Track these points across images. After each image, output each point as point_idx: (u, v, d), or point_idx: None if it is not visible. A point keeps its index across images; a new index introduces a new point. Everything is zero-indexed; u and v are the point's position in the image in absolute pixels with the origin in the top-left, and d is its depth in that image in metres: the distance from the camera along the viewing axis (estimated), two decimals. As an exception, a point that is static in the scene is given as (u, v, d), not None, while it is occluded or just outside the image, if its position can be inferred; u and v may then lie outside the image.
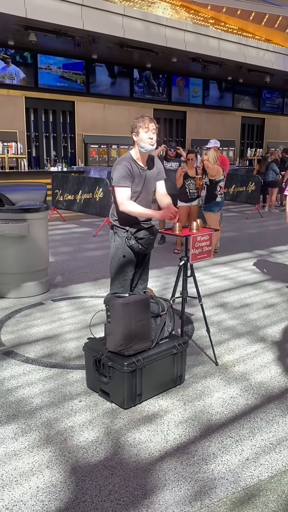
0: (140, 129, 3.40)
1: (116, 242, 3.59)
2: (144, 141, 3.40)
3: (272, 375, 3.51)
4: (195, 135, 16.96)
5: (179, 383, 3.31)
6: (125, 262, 3.59)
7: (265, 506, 2.22)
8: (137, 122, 3.43)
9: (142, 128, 3.39)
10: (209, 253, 3.67)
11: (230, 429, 2.82)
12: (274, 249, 7.97)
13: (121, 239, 3.56)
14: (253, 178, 11.98)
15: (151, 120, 3.44)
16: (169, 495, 2.28)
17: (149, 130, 3.39)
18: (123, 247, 3.56)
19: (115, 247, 3.60)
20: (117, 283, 3.65)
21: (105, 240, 8.36)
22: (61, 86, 13.49)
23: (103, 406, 3.04)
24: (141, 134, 3.40)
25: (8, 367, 3.57)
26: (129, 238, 3.52)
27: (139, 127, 3.40)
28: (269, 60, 15.26)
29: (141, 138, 3.41)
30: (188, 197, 7.23)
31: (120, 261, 3.59)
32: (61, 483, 2.35)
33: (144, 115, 3.48)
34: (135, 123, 3.44)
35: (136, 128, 3.42)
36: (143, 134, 3.40)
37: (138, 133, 3.41)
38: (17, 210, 5.07)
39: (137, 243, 3.52)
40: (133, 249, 3.55)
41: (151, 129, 3.40)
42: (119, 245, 3.57)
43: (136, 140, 3.45)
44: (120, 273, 3.62)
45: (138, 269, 3.71)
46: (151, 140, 3.41)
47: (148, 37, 11.87)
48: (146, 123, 3.39)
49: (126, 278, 3.62)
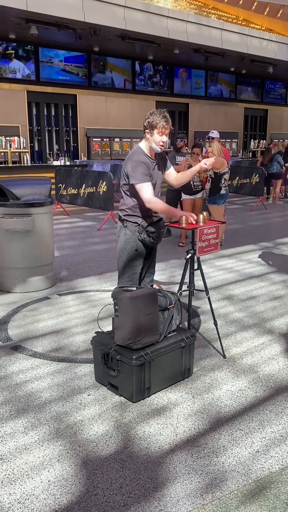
0: (155, 131, 3.35)
1: (127, 235, 3.56)
2: (156, 143, 3.38)
3: (280, 367, 3.50)
4: (198, 127, 16.87)
5: (188, 376, 3.31)
6: (135, 256, 3.58)
7: (277, 498, 2.22)
8: (153, 122, 3.33)
9: (158, 130, 3.34)
10: (216, 246, 3.65)
11: (239, 421, 2.82)
12: (279, 241, 7.94)
13: (132, 233, 3.54)
14: (256, 170, 11.92)
15: (167, 122, 3.35)
16: (180, 488, 2.29)
17: (163, 134, 3.36)
18: (133, 241, 3.54)
19: (124, 241, 3.58)
20: (126, 277, 3.64)
21: (109, 234, 8.35)
22: (63, 79, 13.43)
23: (112, 400, 3.04)
24: (155, 136, 3.36)
25: (16, 361, 3.58)
26: (141, 232, 3.51)
27: (154, 128, 3.34)
28: (272, 50, 15.11)
29: (154, 139, 3.37)
30: (193, 190, 7.20)
31: (130, 255, 3.58)
32: (72, 477, 2.36)
33: (161, 113, 3.36)
34: (151, 122, 3.34)
35: (152, 128, 3.35)
36: (157, 137, 3.36)
37: (153, 134, 3.37)
38: (22, 204, 5.06)
39: (149, 236, 3.51)
40: (144, 243, 3.54)
41: (166, 133, 3.38)
42: (129, 239, 3.55)
43: (149, 138, 3.41)
44: (130, 267, 3.61)
45: (146, 261, 3.70)
46: (163, 143, 3.40)
47: (150, 29, 11.78)
48: (162, 129, 3.33)
49: (135, 272, 3.61)
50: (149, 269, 3.78)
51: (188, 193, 7.26)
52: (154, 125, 3.34)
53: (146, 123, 3.39)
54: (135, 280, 3.60)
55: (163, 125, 3.33)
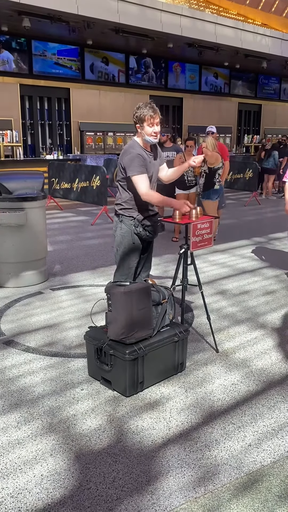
0: (144, 123, 3.36)
1: (123, 230, 3.55)
2: (148, 134, 3.39)
3: (272, 362, 3.52)
4: (191, 121, 16.83)
5: (181, 371, 3.32)
6: (132, 250, 3.57)
7: (268, 491, 2.24)
8: (141, 115, 3.35)
9: (147, 122, 3.35)
10: (210, 241, 3.66)
11: (232, 415, 2.84)
12: (273, 236, 7.97)
13: (128, 227, 3.54)
14: (250, 165, 11.94)
15: (155, 112, 3.36)
16: (173, 481, 2.30)
17: (153, 124, 3.37)
18: (130, 234, 3.54)
19: (121, 235, 3.57)
20: (121, 271, 3.64)
21: (102, 229, 8.33)
22: (56, 72, 13.33)
23: (105, 394, 3.05)
24: (146, 128, 3.38)
25: (9, 356, 3.57)
26: (137, 225, 3.50)
27: (143, 121, 3.36)
28: (266, 45, 15.09)
29: (146, 131, 3.39)
30: (186, 185, 7.20)
31: (126, 249, 3.57)
32: (65, 471, 2.36)
33: (147, 105, 3.38)
34: (139, 116, 3.37)
35: (141, 121, 3.37)
36: (148, 128, 3.38)
37: (143, 127, 3.38)
38: (14, 199, 5.03)
39: (145, 230, 3.51)
40: (140, 237, 3.54)
41: (156, 123, 3.38)
42: (126, 233, 3.54)
43: (140, 132, 3.42)
44: (126, 261, 3.60)
45: (142, 256, 3.70)
46: (155, 134, 3.40)
47: (144, 22, 11.71)
48: (151, 119, 3.34)
49: (130, 267, 3.61)
50: (146, 264, 3.78)
51: (182, 188, 7.25)
52: (142, 117, 3.36)
53: (135, 118, 3.40)
54: (130, 274, 3.60)
55: (151, 115, 3.34)
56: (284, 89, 20.59)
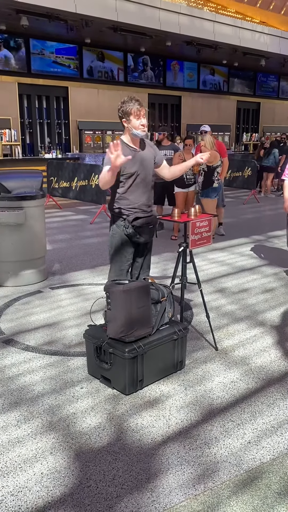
0: (131, 116, 3.30)
1: (114, 231, 3.49)
2: (136, 127, 3.31)
3: (272, 359, 3.53)
4: (190, 120, 16.82)
5: (180, 369, 3.32)
6: (122, 252, 3.49)
7: (268, 488, 2.25)
8: (126, 109, 3.29)
9: (133, 115, 3.29)
10: (209, 239, 3.66)
11: (231, 413, 2.85)
12: (271, 234, 7.97)
13: (118, 227, 3.47)
14: (249, 163, 11.93)
15: (140, 105, 3.30)
16: (173, 478, 2.30)
17: (140, 116, 3.30)
18: (119, 235, 3.46)
19: (111, 236, 3.52)
20: (112, 271, 3.57)
21: (101, 227, 8.33)
22: (54, 71, 13.30)
23: (104, 393, 3.05)
24: (132, 121, 3.31)
25: (8, 355, 3.57)
26: (127, 226, 3.43)
27: (128, 113, 3.30)
28: (264, 43, 15.08)
29: (133, 125, 3.31)
30: (185, 183, 7.19)
31: (116, 250, 3.49)
32: (65, 469, 2.37)
33: (132, 98, 3.31)
34: (124, 110, 3.30)
35: (127, 115, 3.31)
36: (135, 121, 3.30)
37: (130, 121, 3.32)
38: (13, 198, 5.02)
39: (135, 232, 3.43)
40: (130, 238, 3.47)
41: (142, 115, 3.31)
42: (116, 234, 3.48)
43: (127, 127, 3.34)
44: (116, 262, 3.53)
45: (139, 259, 3.62)
46: (143, 125, 3.32)
47: (142, 20, 11.68)
48: (137, 111, 3.27)
49: (122, 269, 3.52)
50: (144, 266, 3.67)
51: (181, 186, 7.25)
52: (128, 111, 3.30)
53: (120, 112, 3.34)
54: (122, 276, 3.50)
55: (137, 107, 3.27)
56: (283, 87, 20.58)
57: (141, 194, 3.45)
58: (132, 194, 3.42)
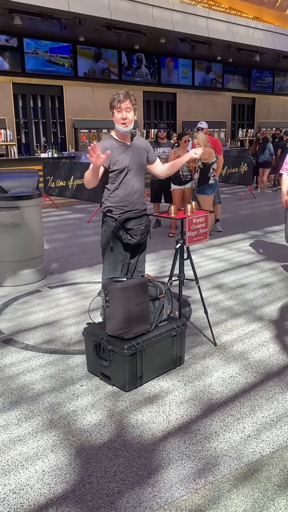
0: (114, 110, 3.17)
1: (105, 231, 3.40)
2: (117, 121, 3.17)
3: (270, 353, 3.55)
4: (185, 117, 16.80)
5: (179, 364, 3.34)
6: (112, 253, 3.40)
7: (268, 480, 2.27)
8: (111, 102, 3.19)
9: (115, 108, 3.16)
10: (205, 235, 3.67)
11: (231, 407, 2.86)
12: (268, 229, 7.99)
13: (109, 228, 3.36)
14: (245, 159, 11.94)
15: (125, 97, 3.14)
16: (174, 473, 2.32)
17: (121, 110, 3.15)
18: (110, 236, 3.37)
19: (102, 235, 3.44)
20: (106, 272, 3.48)
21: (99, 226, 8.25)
22: (48, 70, 13.27)
23: (104, 390, 3.06)
24: (115, 115, 3.18)
25: (8, 354, 3.58)
26: (118, 228, 3.32)
27: (112, 107, 3.19)
28: (258, 38, 15.07)
29: (115, 119, 3.18)
30: (182, 180, 7.20)
31: (107, 251, 3.43)
32: (66, 466, 2.38)
33: (120, 92, 3.18)
34: (110, 104, 3.20)
35: (112, 108, 3.20)
36: (116, 115, 3.17)
37: (113, 114, 3.21)
38: (9, 197, 5.03)
39: (126, 233, 3.34)
40: (121, 240, 3.37)
41: (124, 108, 3.15)
42: (106, 234, 3.39)
43: (114, 120, 3.24)
44: (108, 263, 3.45)
45: (132, 260, 3.53)
46: (123, 120, 3.16)
47: (135, 18, 11.66)
48: (118, 104, 3.13)
49: (117, 269, 3.44)
50: (137, 268, 3.57)
51: (178, 183, 7.26)
52: (111, 104, 3.19)
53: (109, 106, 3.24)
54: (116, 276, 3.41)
55: (119, 99, 3.13)
56: (277, 82, 20.58)
57: (133, 191, 3.34)
58: (123, 191, 3.31)
